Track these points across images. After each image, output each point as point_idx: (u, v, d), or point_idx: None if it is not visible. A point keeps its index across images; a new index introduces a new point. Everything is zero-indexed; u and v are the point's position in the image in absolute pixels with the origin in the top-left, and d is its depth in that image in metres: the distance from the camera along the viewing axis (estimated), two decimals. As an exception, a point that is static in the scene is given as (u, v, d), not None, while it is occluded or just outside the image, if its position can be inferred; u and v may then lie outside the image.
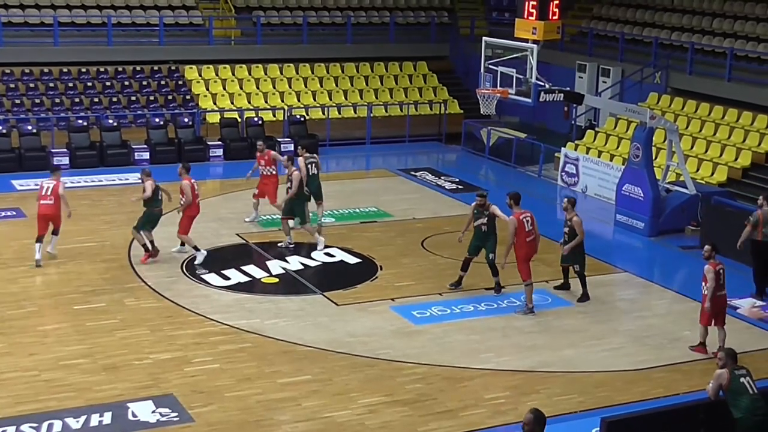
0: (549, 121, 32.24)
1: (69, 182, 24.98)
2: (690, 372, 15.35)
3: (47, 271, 18.72)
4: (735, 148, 25.15)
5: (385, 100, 32.17)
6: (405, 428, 13.35)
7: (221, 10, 32.77)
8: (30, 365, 14.71)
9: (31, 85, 28.82)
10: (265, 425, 13.28)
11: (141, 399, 13.76)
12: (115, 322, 16.40)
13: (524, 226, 17.21)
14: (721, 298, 15.74)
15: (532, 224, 17.36)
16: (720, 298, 15.71)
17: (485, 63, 22.38)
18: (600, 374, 15.28)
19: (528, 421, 9.94)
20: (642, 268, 20.55)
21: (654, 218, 22.33)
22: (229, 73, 31.17)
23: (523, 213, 17.29)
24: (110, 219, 22.04)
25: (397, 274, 19.34)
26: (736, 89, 26.60)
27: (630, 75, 29.64)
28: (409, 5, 35.88)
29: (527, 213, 17.36)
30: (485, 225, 18.04)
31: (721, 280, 15.66)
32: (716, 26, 29.33)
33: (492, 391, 14.49)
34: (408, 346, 15.94)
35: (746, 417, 11.78)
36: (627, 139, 26.16)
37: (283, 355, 15.47)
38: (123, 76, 30.08)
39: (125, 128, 28.00)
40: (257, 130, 28.80)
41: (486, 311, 17.56)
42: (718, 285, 15.58)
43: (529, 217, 17.34)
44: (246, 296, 17.87)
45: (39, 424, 12.99)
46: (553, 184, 26.84)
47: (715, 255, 15.80)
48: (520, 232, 17.17)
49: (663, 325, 17.37)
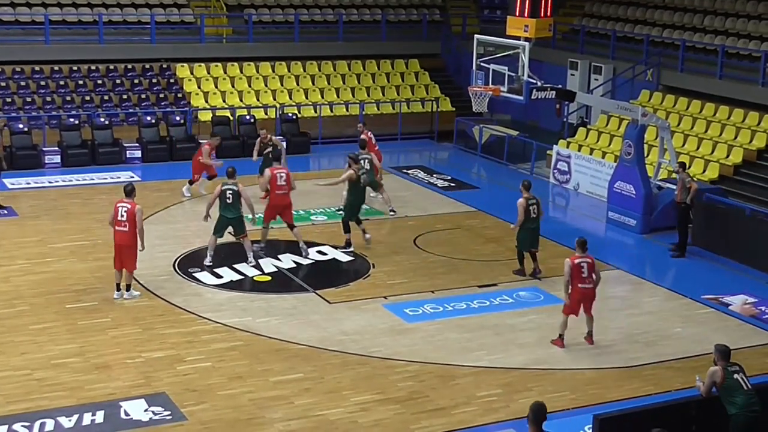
0: (541, 119, 32.25)
1: (60, 181, 25.06)
2: (682, 369, 15.38)
3: (39, 269, 18.66)
4: (726, 145, 25.19)
5: (377, 98, 32.15)
6: (397, 426, 13.36)
7: (213, 8, 32.72)
8: (22, 364, 14.68)
9: (22, 84, 28.74)
10: (257, 423, 13.28)
11: (133, 398, 13.75)
12: (107, 321, 16.37)
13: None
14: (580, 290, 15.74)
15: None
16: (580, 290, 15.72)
17: (477, 61, 22.38)
18: (592, 371, 15.31)
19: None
20: (634, 265, 20.58)
21: (646, 215, 22.36)
22: (221, 71, 31.13)
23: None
24: (102, 217, 21.88)
25: (390, 272, 19.34)
26: (727, 86, 26.65)
27: (622, 72, 29.67)
28: (401, 3, 35.87)
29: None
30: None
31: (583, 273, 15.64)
32: (708, 24, 29.37)
33: (484, 389, 14.51)
34: (400, 343, 15.95)
35: (741, 413, 11.82)
36: (619, 137, 26.18)
37: (276, 353, 15.47)
38: (114, 74, 30.01)
39: (117, 126, 27.94)
40: (249, 128, 28.77)
41: (478, 309, 17.57)
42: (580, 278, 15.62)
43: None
44: (238, 294, 17.86)
45: (31, 423, 12.97)
46: (546, 181, 26.86)
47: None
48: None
49: (654, 322, 17.41)
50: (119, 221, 16.91)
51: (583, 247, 15.78)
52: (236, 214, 18.95)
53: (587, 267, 15.69)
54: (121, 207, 16.96)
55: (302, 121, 29.98)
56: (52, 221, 21.61)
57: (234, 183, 18.98)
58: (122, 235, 16.95)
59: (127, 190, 17.29)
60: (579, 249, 15.79)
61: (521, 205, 18.67)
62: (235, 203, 18.88)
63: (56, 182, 25.01)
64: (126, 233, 16.92)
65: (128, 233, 16.91)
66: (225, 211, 18.95)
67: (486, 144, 29.93)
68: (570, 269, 15.61)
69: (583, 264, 15.68)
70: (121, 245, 17.00)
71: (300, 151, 28.79)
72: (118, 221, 16.93)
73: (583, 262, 15.69)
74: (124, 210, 16.91)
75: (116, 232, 17.01)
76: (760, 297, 18.65)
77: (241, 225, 19.12)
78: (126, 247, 17.00)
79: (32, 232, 20.86)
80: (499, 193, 25.09)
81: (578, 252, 15.78)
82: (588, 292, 15.78)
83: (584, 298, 15.80)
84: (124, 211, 16.89)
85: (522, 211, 18.66)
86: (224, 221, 19.04)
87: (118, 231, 16.96)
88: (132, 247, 17.03)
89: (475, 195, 25.17)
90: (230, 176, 19.04)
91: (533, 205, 18.80)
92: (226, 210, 18.93)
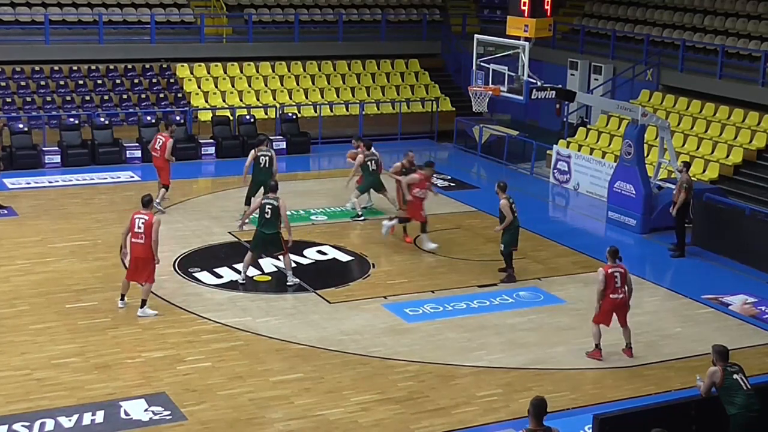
0: (541, 119, 32.27)
1: (60, 180, 25.06)
2: (682, 369, 15.38)
3: (38, 269, 18.66)
4: (726, 145, 25.19)
5: (376, 97, 32.15)
6: (397, 426, 13.36)
7: (213, 8, 32.71)
8: (22, 364, 14.68)
9: (22, 84, 28.74)
10: (257, 423, 13.28)
11: (133, 398, 13.75)
12: (107, 321, 16.36)
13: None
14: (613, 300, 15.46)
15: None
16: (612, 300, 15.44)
17: (477, 60, 22.36)
18: (592, 371, 15.31)
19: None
20: (634, 265, 20.44)
21: (646, 215, 22.36)
22: (221, 71, 31.12)
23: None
24: (102, 218, 21.99)
25: (390, 271, 19.34)
26: (727, 86, 26.65)
27: (622, 72, 29.67)
28: (401, 3, 35.86)
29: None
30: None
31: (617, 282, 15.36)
32: (708, 23, 29.37)
33: (484, 389, 14.51)
34: (400, 343, 15.95)
35: (741, 413, 11.83)
36: (619, 137, 26.18)
37: (276, 353, 15.47)
38: (114, 74, 30.01)
39: (117, 126, 27.93)
40: (249, 128, 28.78)
41: (478, 309, 17.57)
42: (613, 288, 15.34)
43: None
44: (238, 294, 17.85)
45: (31, 423, 12.97)
46: (545, 181, 26.86)
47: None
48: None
49: (654, 321, 17.41)
50: (136, 233, 16.27)
51: (614, 256, 15.47)
52: (274, 230, 17.92)
53: (620, 277, 15.41)
54: (138, 218, 16.29)
55: (302, 121, 29.98)
56: (52, 221, 21.61)
57: (275, 197, 17.96)
58: (139, 248, 16.32)
59: (144, 200, 16.63)
60: (611, 258, 15.48)
61: (505, 207, 18.48)
62: (273, 219, 17.88)
63: (56, 182, 25.00)
64: (142, 245, 16.29)
65: (144, 245, 16.29)
66: (263, 227, 17.96)
67: (486, 144, 29.92)
68: (604, 278, 15.30)
69: (617, 273, 15.39)
70: (137, 257, 16.38)
71: (300, 151, 28.80)
72: (135, 233, 16.29)
73: (616, 272, 15.39)
74: (142, 222, 16.27)
75: (133, 244, 16.38)
76: (760, 297, 18.65)
77: (279, 242, 18.02)
78: (142, 259, 16.38)
79: (32, 232, 20.86)
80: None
81: (610, 261, 15.48)
82: (620, 302, 15.46)
83: (616, 308, 15.49)
84: (141, 223, 16.26)
85: (509, 212, 18.48)
86: (261, 237, 18.02)
87: (135, 243, 16.33)
88: (149, 260, 16.40)
89: (475, 195, 25.16)
90: (272, 190, 18.14)
91: (513, 204, 18.73)
92: (264, 225, 17.94)
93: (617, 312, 15.57)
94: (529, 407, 10.58)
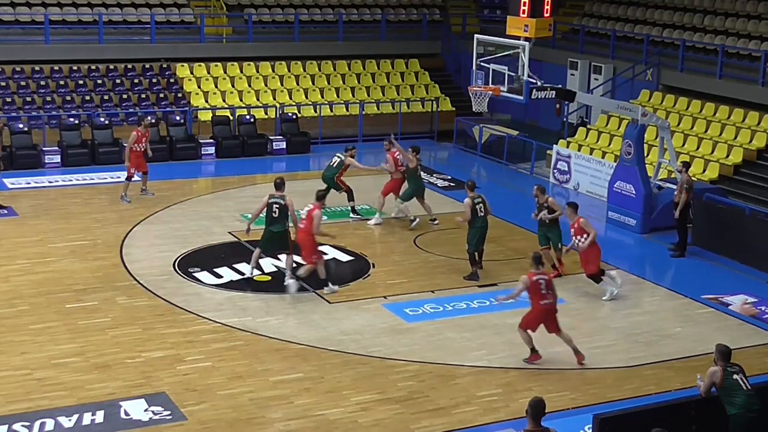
0: (541, 119, 32.27)
1: (60, 180, 25.05)
2: (682, 369, 15.38)
3: (39, 269, 18.66)
4: (726, 145, 25.19)
5: (376, 97, 32.15)
6: (397, 426, 13.36)
7: (213, 8, 32.72)
8: (22, 364, 14.68)
9: (22, 83, 28.74)
10: (257, 423, 13.28)
11: (133, 397, 13.75)
12: (107, 321, 16.37)
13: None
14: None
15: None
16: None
17: (477, 60, 22.37)
18: (592, 371, 15.31)
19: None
20: (634, 265, 20.58)
21: (646, 215, 22.36)
22: (221, 71, 31.12)
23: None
24: (102, 217, 21.99)
25: (390, 271, 19.35)
26: (727, 86, 26.66)
27: (622, 72, 29.68)
28: (401, 3, 35.87)
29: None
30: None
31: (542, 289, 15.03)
32: (708, 23, 29.37)
33: (484, 389, 14.51)
34: (400, 343, 15.95)
35: (741, 413, 11.84)
36: (619, 137, 26.19)
37: (275, 353, 15.47)
38: (114, 74, 30.01)
39: (117, 126, 27.91)
40: (249, 128, 28.79)
41: (478, 309, 17.57)
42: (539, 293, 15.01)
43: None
44: (238, 294, 17.85)
45: (31, 423, 12.98)
46: (545, 181, 26.85)
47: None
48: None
49: (654, 321, 17.41)
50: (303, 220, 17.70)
51: (537, 263, 15.12)
52: (282, 228, 17.95)
53: (545, 283, 15.01)
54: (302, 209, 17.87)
55: (302, 121, 29.98)
56: (52, 221, 21.60)
57: (281, 195, 17.89)
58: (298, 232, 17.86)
59: (277, 183, 18.05)
60: (534, 265, 15.09)
61: (468, 205, 18.83)
62: (281, 217, 17.86)
63: (56, 182, 25.00)
64: (301, 230, 17.77)
65: (303, 230, 17.76)
66: (271, 225, 17.94)
67: (486, 144, 29.92)
68: (528, 285, 14.93)
69: (541, 280, 14.99)
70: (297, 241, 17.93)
71: (300, 151, 28.81)
72: (301, 220, 17.75)
73: (541, 278, 15.00)
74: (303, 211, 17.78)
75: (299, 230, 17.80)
76: (760, 297, 18.65)
77: (286, 241, 18.07)
78: (299, 241, 17.88)
79: (32, 231, 20.86)
80: (499, 193, 25.05)
81: (533, 268, 15.06)
82: (549, 307, 15.07)
83: (546, 314, 15.10)
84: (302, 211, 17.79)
85: (468, 211, 18.77)
86: (269, 236, 18.01)
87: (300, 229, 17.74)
88: (303, 241, 17.78)
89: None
90: (278, 188, 18.01)
91: (479, 204, 18.88)
92: (271, 224, 17.93)
93: (546, 319, 15.14)
94: (527, 408, 10.60)
